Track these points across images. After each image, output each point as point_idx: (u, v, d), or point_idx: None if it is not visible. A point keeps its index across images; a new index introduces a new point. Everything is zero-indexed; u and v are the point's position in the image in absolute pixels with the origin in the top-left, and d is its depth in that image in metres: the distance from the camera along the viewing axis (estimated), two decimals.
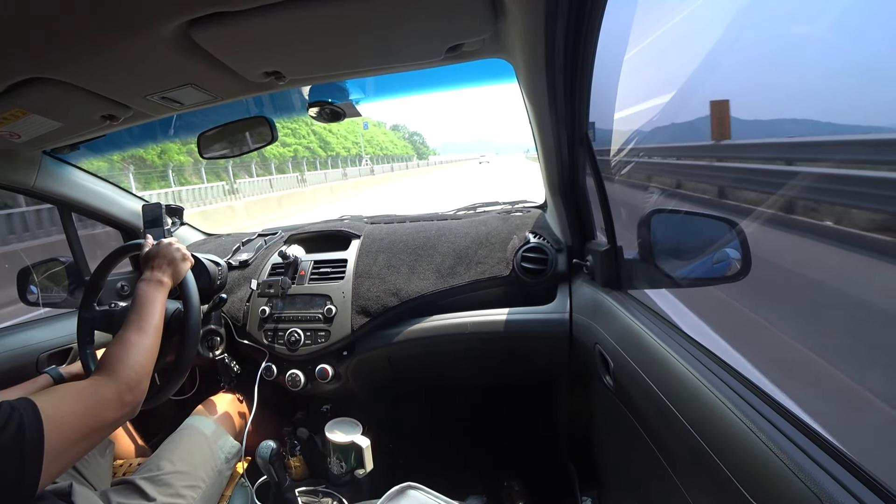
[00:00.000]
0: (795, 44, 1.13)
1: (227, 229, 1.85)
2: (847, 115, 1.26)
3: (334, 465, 1.18)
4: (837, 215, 1.47)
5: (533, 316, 1.10)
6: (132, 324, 0.79)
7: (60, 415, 0.57)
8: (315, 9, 0.61)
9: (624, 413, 0.79)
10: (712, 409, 0.53)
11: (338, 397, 1.32)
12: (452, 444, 1.53)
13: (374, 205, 13.00)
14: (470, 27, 0.71)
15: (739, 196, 2.22)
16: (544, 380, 1.35)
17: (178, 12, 0.58)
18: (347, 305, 1.18)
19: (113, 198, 1.40)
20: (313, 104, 1.09)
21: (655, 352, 0.68)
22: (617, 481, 1.02)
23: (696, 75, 1.68)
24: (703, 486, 0.55)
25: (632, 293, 0.93)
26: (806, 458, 0.42)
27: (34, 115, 0.85)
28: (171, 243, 0.99)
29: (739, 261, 0.74)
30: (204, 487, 0.90)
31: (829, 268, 1.53)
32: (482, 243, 1.21)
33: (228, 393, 1.21)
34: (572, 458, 1.30)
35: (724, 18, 1.35)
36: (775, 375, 1.03)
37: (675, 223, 0.96)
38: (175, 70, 0.76)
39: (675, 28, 2.03)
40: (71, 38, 0.61)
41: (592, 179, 0.95)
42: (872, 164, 1.35)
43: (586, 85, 0.82)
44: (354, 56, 0.80)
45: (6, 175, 1.11)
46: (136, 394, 0.69)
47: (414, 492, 0.84)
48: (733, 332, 1.57)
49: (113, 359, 0.71)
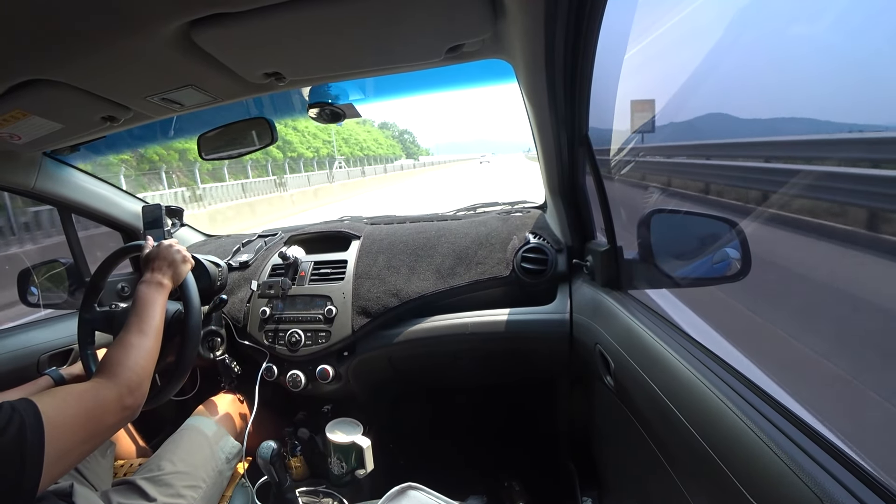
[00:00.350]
0: (795, 44, 1.13)
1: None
2: (847, 115, 1.26)
3: (335, 466, 1.18)
4: (835, 213, 1.47)
5: (533, 316, 1.10)
6: (132, 326, 0.79)
7: (61, 417, 0.57)
8: (315, 9, 0.61)
9: (624, 413, 0.79)
10: (713, 409, 0.53)
11: (338, 398, 1.32)
12: (453, 444, 1.53)
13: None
14: (470, 27, 0.71)
15: (731, 193, 2.22)
16: (545, 380, 1.35)
17: (178, 13, 0.58)
18: (348, 306, 1.18)
19: (113, 199, 1.40)
20: (313, 105, 1.09)
21: (656, 352, 0.68)
22: (617, 481, 1.02)
23: (695, 75, 1.68)
24: (703, 485, 0.55)
25: (632, 293, 0.93)
26: (806, 457, 0.42)
27: (34, 117, 0.86)
28: (172, 245, 0.99)
29: (739, 260, 0.74)
30: (204, 488, 0.90)
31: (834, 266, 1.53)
32: (482, 244, 1.22)
33: (229, 393, 1.21)
34: (573, 458, 1.30)
35: (724, 18, 1.35)
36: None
37: (674, 223, 0.96)
38: (175, 71, 0.76)
39: (675, 28, 2.02)
40: (71, 40, 0.61)
41: (592, 180, 0.95)
42: (872, 162, 1.35)
43: (586, 85, 0.82)
44: (354, 57, 0.80)
45: (6, 176, 1.11)
46: (136, 396, 0.69)
47: (414, 492, 0.84)
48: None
49: (114, 361, 0.71)
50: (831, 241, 1.55)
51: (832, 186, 1.50)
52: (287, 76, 0.83)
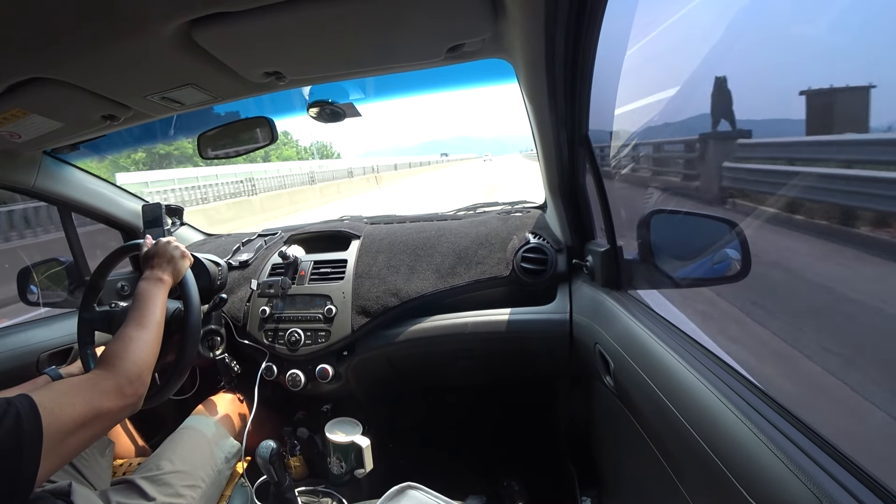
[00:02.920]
0: (794, 43, 1.13)
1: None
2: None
3: (334, 465, 1.18)
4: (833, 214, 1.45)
5: (533, 316, 1.10)
6: (132, 320, 0.79)
7: (58, 406, 0.56)
8: (315, 9, 0.61)
9: (624, 413, 0.79)
10: (712, 410, 0.53)
11: (338, 397, 1.32)
12: (452, 443, 1.53)
13: None
14: (470, 27, 0.71)
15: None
16: (544, 380, 1.35)
17: (178, 13, 0.58)
18: (347, 305, 1.18)
19: (113, 198, 1.40)
20: (313, 104, 1.09)
21: (656, 352, 0.68)
22: (617, 481, 1.02)
23: (695, 75, 1.68)
24: (703, 486, 0.55)
25: (632, 293, 0.93)
26: (806, 458, 0.42)
27: (34, 116, 0.86)
28: (171, 242, 0.99)
29: (739, 261, 0.74)
30: (204, 487, 0.90)
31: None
32: (482, 243, 1.22)
33: (228, 393, 1.21)
34: (572, 458, 1.30)
35: (723, 17, 1.35)
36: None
37: (674, 223, 0.96)
38: (175, 70, 0.76)
39: (675, 27, 2.02)
40: (71, 38, 0.61)
41: (592, 179, 0.95)
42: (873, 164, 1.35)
43: (586, 85, 0.82)
44: (354, 56, 0.80)
45: (6, 175, 1.11)
46: (136, 386, 0.69)
47: (414, 492, 0.84)
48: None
49: (112, 353, 0.71)
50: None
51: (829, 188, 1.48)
52: (287, 75, 0.83)
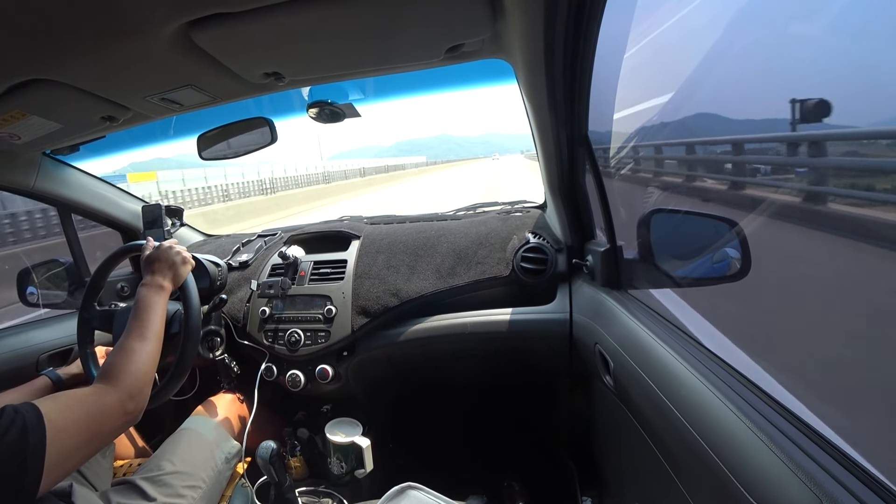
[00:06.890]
0: (794, 43, 1.13)
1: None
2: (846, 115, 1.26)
3: (334, 466, 1.18)
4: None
5: (533, 316, 1.10)
6: (133, 331, 0.79)
7: (64, 422, 0.57)
8: (315, 10, 0.61)
9: (624, 413, 0.79)
10: (712, 409, 0.53)
11: (338, 397, 1.32)
12: (453, 443, 1.53)
13: None
14: (469, 27, 0.71)
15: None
16: (545, 379, 1.35)
17: (177, 13, 0.58)
18: (347, 306, 1.18)
19: (113, 199, 1.40)
20: (313, 105, 1.09)
21: (655, 351, 0.68)
22: (617, 481, 1.02)
23: (694, 75, 1.68)
24: (703, 485, 0.55)
25: (632, 293, 0.93)
26: (806, 457, 0.42)
27: (34, 117, 0.86)
28: (172, 246, 0.99)
29: (739, 260, 0.74)
30: (204, 488, 0.90)
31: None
32: (482, 243, 1.22)
33: (228, 393, 1.21)
34: (572, 458, 1.30)
35: (723, 17, 1.35)
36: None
37: (674, 223, 0.96)
38: (175, 71, 0.76)
39: (674, 27, 2.02)
40: (70, 40, 0.61)
41: (592, 179, 0.95)
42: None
43: (586, 85, 0.82)
44: (354, 57, 0.80)
45: (6, 176, 1.11)
46: (137, 401, 0.70)
47: (414, 492, 0.84)
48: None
49: (115, 367, 0.71)
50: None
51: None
52: (287, 76, 0.83)
